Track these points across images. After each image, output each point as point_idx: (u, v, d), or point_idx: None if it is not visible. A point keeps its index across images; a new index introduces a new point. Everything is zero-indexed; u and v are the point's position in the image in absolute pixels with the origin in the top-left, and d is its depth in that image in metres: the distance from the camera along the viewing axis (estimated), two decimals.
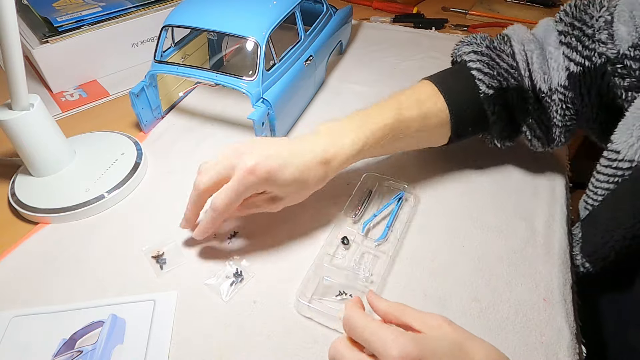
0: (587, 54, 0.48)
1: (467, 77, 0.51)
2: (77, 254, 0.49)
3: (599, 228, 0.47)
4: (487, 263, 0.47)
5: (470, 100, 0.51)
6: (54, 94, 0.73)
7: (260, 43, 0.55)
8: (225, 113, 0.68)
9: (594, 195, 0.49)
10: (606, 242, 0.45)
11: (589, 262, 0.48)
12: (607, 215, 0.47)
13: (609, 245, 0.45)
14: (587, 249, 0.49)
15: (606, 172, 0.46)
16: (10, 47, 0.45)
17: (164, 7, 0.77)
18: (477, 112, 0.51)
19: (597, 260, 0.47)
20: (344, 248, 0.49)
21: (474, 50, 0.52)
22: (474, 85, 0.50)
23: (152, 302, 0.44)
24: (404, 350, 0.30)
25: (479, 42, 0.53)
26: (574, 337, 0.42)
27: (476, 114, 0.51)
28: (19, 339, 0.42)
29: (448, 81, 0.52)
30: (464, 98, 0.51)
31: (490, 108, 0.50)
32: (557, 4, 0.98)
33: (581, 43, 0.48)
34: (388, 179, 0.55)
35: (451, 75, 0.54)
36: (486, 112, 0.51)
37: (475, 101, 0.51)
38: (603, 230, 0.46)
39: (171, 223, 0.52)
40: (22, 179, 0.56)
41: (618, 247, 0.44)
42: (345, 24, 0.78)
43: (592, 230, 0.49)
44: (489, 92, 0.50)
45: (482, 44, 0.53)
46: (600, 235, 0.46)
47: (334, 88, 0.73)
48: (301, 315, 0.43)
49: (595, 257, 0.47)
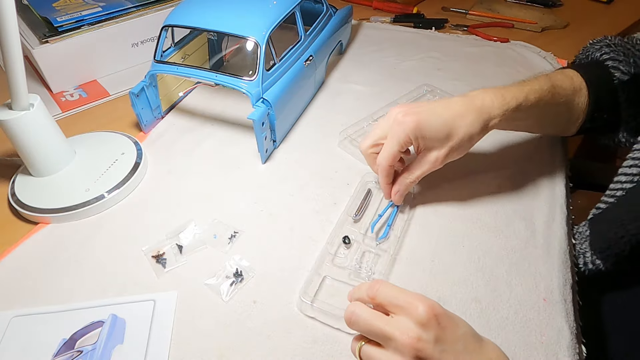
0: None
1: (602, 67, 0.52)
2: (77, 254, 0.49)
3: (612, 223, 0.47)
4: (487, 263, 0.47)
5: (606, 87, 0.52)
6: (54, 94, 0.73)
7: (260, 43, 0.55)
8: (225, 113, 0.68)
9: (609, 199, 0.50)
10: (621, 236, 0.45)
11: (601, 258, 0.48)
12: (621, 209, 0.47)
13: (625, 239, 0.45)
14: (599, 244, 0.49)
15: (630, 172, 0.47)
16: (10, 47, 0.45)
17: (164, 7, 0.77)
18: (612, 100, 0.52)
19: (610, 255, 0.47)
20: (345, 247, 0.49)
21: (605, 44, 0.54)
22: (609, 73, 0.52)
23: (152, 302, 0.44)
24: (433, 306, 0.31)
25: (610, 38, 0.55)
26: (574, 337, 0.42)
27: (611, 101, 0.52)
28: (19, 339, 0.42)
29: (587, 69, 0.53)
30: (600, 83, 0.52)
31: (624, 95, 0.51)
32: (557, 4, 0.98)
33: None
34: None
35: (588, 66, 0.55)
36: (619, 100, 0.51)
37: (610, 88, 0.52)
38: (617, 225, 0.46)
39: (171, 223, 0.52)
40: (22, 179, 0.56)
41: (634, 241, 0.44)
42: (345, 24, 0.78)
43: (605, 226, 0.49)
44: (624, 77, 0.51)
45: (614, 39, 0.54)
46: (614, 231, 0.47)
47: (334, 88, 0.73)
48: (301, 315, 0.43)
49: (608, 252, 0.47)
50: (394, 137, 0.46)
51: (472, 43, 0.85)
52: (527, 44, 0.83)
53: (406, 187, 0.50)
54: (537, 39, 0.86)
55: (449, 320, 0.32)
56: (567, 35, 0.88)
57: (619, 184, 0.49)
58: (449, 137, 0.46)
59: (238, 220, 0.52)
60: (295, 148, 0.62)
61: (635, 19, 0.93)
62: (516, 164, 0.58)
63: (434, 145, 0.47)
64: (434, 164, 0.48)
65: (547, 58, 0.79)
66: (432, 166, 0.48)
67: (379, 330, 0.32)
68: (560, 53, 0.81)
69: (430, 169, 0.48)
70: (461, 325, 0.33)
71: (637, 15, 0.94)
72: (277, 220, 0.52)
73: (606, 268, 0.48)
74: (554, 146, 0.61)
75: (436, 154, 0.47)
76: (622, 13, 0.95)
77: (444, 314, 0.32)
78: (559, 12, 0.96)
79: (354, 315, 0.34)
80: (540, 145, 0.61)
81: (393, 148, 0.46)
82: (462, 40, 0.86)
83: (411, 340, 0.31)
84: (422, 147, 0.47)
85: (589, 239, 0.51)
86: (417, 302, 0.32)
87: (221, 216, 0.53)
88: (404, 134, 0.45)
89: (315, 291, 0.44)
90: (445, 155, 0.47)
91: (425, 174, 0.49)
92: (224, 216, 0.53)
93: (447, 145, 0.47)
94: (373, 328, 0.33)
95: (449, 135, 0.46)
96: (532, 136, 0.62)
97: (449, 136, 0.46)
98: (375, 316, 0.33)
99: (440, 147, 0.47)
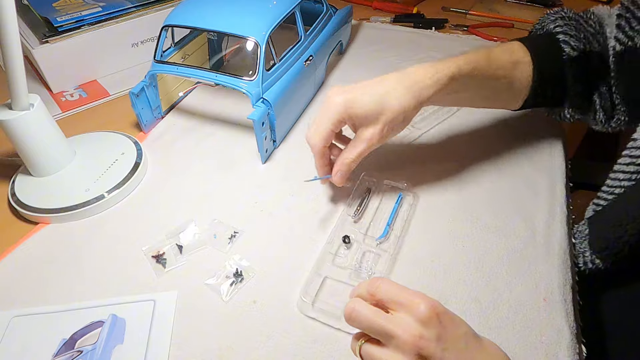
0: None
1: (553, 41, 0.52)
2: (77, 254, 0.49)
3: (610, 223, 0.47)
4: (487, 263, 0.47)
5: (553, 62, 0.51)
6: (54, 94, 0.73)
7: (260, 43, 0.55)
8: (225, 113, 0.68)
9: (608, 195, 0.49)
10: (620, 236, 0.45)
11: (600, 257, 0.48)
12: (618, 209, 0.47)
13: (623, 239, 0.45)
14: (599, 244, 0.49)
15: (628, 170, 0.47)
16: (10, 47, 0.45)
17: (164, 7, 0.77)
18: (559, 75, 0.52)
19: (608, 255, 0.47)
20: (345, 247, 0.49)
21: (560, 17, 0.53)
22: (559, 47, 0.51)
23: (152, 302, 0.44)
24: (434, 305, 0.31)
25: (565, 11, 0.54)
26: (574, 337, 0.42)
27: (557, 77, 0.52)
28: (19, 339, 0.42)
29: (536, 42, 0.53)
30: (548, 58, 0.51)
31: (572, 71, 0.51)
32: (557, 3, 0.98)
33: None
34: (387, 178, 0.55)
35: (538, 39, 0.55)
36: (566, 77, 0.51)
37: (558, 64, 0.51)
38: (615, 225, 0.46)
39: (171, 223, 0.52)
40: (22, 179, 0.56)
41: (633, 241, 0.44)
42: (345, 24, 0.78)
43: (603, 226, 0.49)
44: (573, 53, 0.51)
45: (569, 12, 0.54)
46: (612, 230, 0.47)
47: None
48: (301, 315, 0.43)
49: (607, 252, 0.47)
50: (325, 117, 0.46)
51: (472, 43, 0.85)
52: None
53: (347, 167, 0.49)
54: None
55: (450, 319, 0.32)
56: None
57: (617, 182, 0.49)
58: (381, 113, 0.46)
59: (238, 220, 0.52)
60: (295, 148, 0.62)
61: None
62: (516, 164, 0.58)
63: (367, 122, 0.47)
64: (370, 141, 0.47)
65: None
66: (368, 144, 0.47)
67: (380, 328, 0.32)
68: None
69: (368, 147, 0.48)
70: (462, 324, 0.33)
71: None
72: (277, 220, 0.52)
73: (605, 267, 0.48)
74: (554, 146, 0.61)
75: (371, 131, 0.47)
76: None
77: (445, 313, 0.32)
78: None
79: (354, 312, 0.33)
80: (540, 145, 0.61)
81: (325, 127, 0.47)
82: (462, 40, 0.86)
83: (413, 338, 0.30)
84: (357, 126, 0.48)
85: (588, 238, 0.51)
86: (419, 299, 0.32)
87: (221, 216, 0.53)
88: (335, 112, 0.46)
89: (315, 291, 0.44)
90: (380, 132, 0.47)
91: (365, 153, 0.48)
92: (224, 216, 0.53)
93: (380, 122, 0.46)
94: (374, 325, 0.32)
95: (381, 112, 0.46)
96: (532, 136, 0.62)
97: (381, 112, 0.46)
98: (376, 313, 0.33)
99: (374, 124, 0.46)
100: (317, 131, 0.47)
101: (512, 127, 0.63)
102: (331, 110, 0.46)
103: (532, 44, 0.52)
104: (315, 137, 0.47)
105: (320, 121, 0.47)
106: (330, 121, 0.46)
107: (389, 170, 0.57)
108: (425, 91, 0.46)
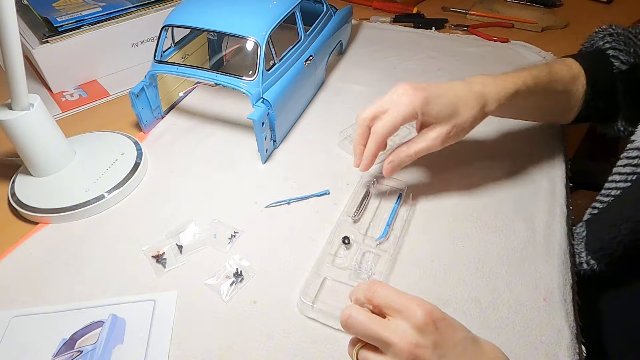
0: None
1: (603, 56, 0.53)
2: (77, 254, 0.49)
3: (606, 224, 0.47)
4: (487, 263, 0.47)
5: (605, 76, 0.52)
6: (54, 94, 0.73)
7: (260, 43, 0.55)
8: (225, 113, 0.68)
9: (604, 198, 0.50)
10: (614, 237, 0.46)
11: (594, 258, 0.48)
12: (614, 210, 0.47)
13: (617, 240, 0.45)
14: (593, 245, 0.49)
15: (624, 172, 0.47)
16: (10, 47, 0.45)
17: (164, 7, 0.77)
18: (610, 89, 0.52)
19: (603, 256, 0.47)
20: (345, 248, 0.49)
21: (608, 33, 0.54)
22: (609, 62, 0.52)
23: (152, 302, 0.44)
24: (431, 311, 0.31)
25: (613, 27, 0.55)
26: (574, 337, 0.42)
27: (609, 90, 0.53)
28: (19, 339, 0.42)
29: (587, 58, 0.54)
30: (599, 72, 0.53)
31: (623, 85, 0.51)
32: (557, 4, 0.98)
33: None
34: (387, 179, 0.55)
35: (588, 54, 0.56)
36: (617, 90, 0.52)
37: (609, 77, 0.52)
38: (610, 225, 0.46)
39: (171, 223, 0.52)
40: (22, 179, 0.56)
41: (627, 241, 0.44)
42: (345, 24, 0.78)
43: (599, 227, 0.49)
44: (623, 67, 0.52)
45: (617, 28, 0.55)
46: (607, 231, 0.47)
47: (334, 88, 0.73)
48: (301, 315, 0.43)
49: (601, 253, 0.47)
50: (400, 109, 0.46)
51: (472, 43, 0.85)
52: (527, 44, 0.83)
53: (401, 161, 0.49)
54: (537, 39, 0.86)
55: (448, 324, 0.32)
56: (567, 35, 0.88)
57: (614, 184, 0.49)
58: (453, 117, 0.47)
59: (238, 220, 0.52)
60: (295, 148, 0.62)
61: (635, 19, 0.93)
62: (516, 164, 0.58)
63: (438, 122, 0.47)
64: (435, 141, 0.48)
65: (547, 58, 0.79)
66: (432, 144, 0.48)
67: (376, 335, 0.32)
68: (560, 53, 0.80)
69: (428, 147, 0.48)
70: (460, 329, 0.33)
71: (637, 15, 0.94)
72: (277, 220, 0.52)
73: (600, 269, 0.48)
74: (554, 146, 0.61)
75: (439, 131, 0.47)
76: (622, 13, 0.95)
77: (442, 319, 0.32)
78: (559, 12, 0.96)
79: (350, 319, 0.33)
80: (540, 145, 0.61)
81: (397, 119, 0.46)
82: (462, 40, 0.86)
83: (409, 346, 0.30)
84: (426, 124, 0.48)
85: (585, 240, 0.51)
86: (416, 306, 0.31)
87: (221, 216, 0.53)
88: (412, 106, 0.45)
89: (315, 292, 0.44)
90: (447, 134, 0.47)
91: (423, 152, 0.49)
92: (224, 216, 0.53)
93: (450, 123, 0.47)
94: (370, 332, 0.32)
95: (453, 115, 0.47)
96: (532, 136, 0.62)
97: (453, 115, 0.47)
98: (373, 320, 0.32)
99: (443, 125, 0.47)
100: (388, 120, 0.46)
101: (512, 127, 0.63)
102: (406, 103, 0.46)
103: (583, 59, 0.54)
104: (384, 127, 0.47)
105: (395, 112, 0.46)
106: (404, 114, 0.46)
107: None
108: (491, 104, 0.48)
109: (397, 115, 0.46)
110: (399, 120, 0.46)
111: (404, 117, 0.46)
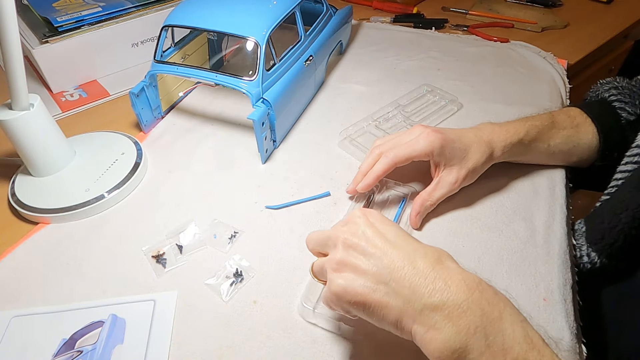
0: None
1: (609, 108, 0.55)
2: (77, 254, 0.49)
3: (606, 214, 0.48)
4: (487, 263, 0.47)
5: (614, 126, 0.54)
6: (54, 94, 0.73)
7: (260, 43, 0.55)
8: (225, 113, 0.68)
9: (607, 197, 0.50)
10: (614, 226, 0.46)
11: (595, 250, 0.48)
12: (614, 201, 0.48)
13: (618, 228, 0.46)
14: (593, 237, 0.49)
15: (625, 169, 0.48)
16: (10, 47, 0.45)
17: (164, 7, 0.77)
18: (621, 138, 0.54)
19: (604, 247, 0.47)
20: None
21: (613, 86, 0.56)
22: (616, 113, 0.54)
23: (152, 302, 0.44)
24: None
25: (618, 80, 0.57)
26: (574, 337, 0.42)
27: (620, 140, 0.54)
28: (19, 339, 0.42)
29: (593, 108, 0.56)
30: (608, 123, 0.54)
31: (633, 134, 0.52)
32: (557, 4, 0.98)
33: None
34: (389, 180, 0.55)
35: (594, 104, 0.57)
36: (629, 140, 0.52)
37: (619, 128, 0.54)
38: (610, 215, 0.47)
39: (171, 223, 0.52)
40: (22, 179, 0.56)
41: (627, 229, 0.45)
42: (345, 24, 0.78)
43: (599, 219, 0.50)
44: (630, 118, 0.54)
45: (622, 81, 0.57)
46: (607, 221, 0.47)
47: (334, 88, 0.73)
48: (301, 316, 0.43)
49: (602, 244, 0.48)
50: (420, 145, 0.48)
51: (472, 43, 0.85)
52: (527, 44, 0.83)
53: (425, 210, 0.51)
54: (537, 39, 0.86)
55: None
56: (567, 35, 0.88)
57: (615, 182, 0.50)
58: (466, 160, 0.50)
59: (238, 220, 0.52)
60: (295, 148, 0.62)
61: (635, 19, 0.93)
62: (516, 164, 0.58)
63: (454, 164, 0.50)
64: (454, 185, 0.50)
65: (547, 58, 0.79)
66: (451, 188, 0.51)
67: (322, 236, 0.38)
68: (560, 53, 0.81)
69: (449, 191, 0.51)
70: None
71: (637, 15, 0.94)
72: (277, 220, 0.52)
73: (601, 262, 0.48)
74: None
75: (456, 174, 0.50)
76: (622, 13, 0.95)
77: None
78: (559, 12, 0.97)
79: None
80: None
81: (413, 152, 0.49)
82: (462, 40, 0.86)
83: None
84: (442, 166, 0.50)
85: (584, 234, 0.51)
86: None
87: (221, 216, 0.53)
88: (431, 146, 0.48)
89: (316, 298, 0.44)
90: (463, 178, 0.50)
91: (443, 197, 0.51)
92: (224, 216, 0.53)
93: (464, 168, 0.50)
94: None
95: (465, 159, 0.50)
96: None
97: (466, 159, 0.50)
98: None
99: (460, 168, 0.50)
100: (403, 149, 0.49)
101: None
102: (426, 142, 0.48)
103: (590, 110, 0.55)
104: (398, 155, 0.49)
105: (412, 145, 0.49)
106: (420, 150, 0.48)
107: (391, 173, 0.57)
108: (497, 151, 0.51)
109: (415, 149, 0.49)
110: (415, 154, 0.49)
111: (420, 153, 0.49)
